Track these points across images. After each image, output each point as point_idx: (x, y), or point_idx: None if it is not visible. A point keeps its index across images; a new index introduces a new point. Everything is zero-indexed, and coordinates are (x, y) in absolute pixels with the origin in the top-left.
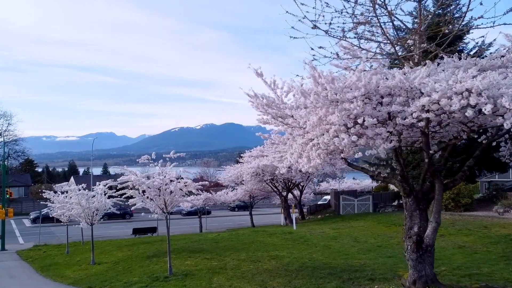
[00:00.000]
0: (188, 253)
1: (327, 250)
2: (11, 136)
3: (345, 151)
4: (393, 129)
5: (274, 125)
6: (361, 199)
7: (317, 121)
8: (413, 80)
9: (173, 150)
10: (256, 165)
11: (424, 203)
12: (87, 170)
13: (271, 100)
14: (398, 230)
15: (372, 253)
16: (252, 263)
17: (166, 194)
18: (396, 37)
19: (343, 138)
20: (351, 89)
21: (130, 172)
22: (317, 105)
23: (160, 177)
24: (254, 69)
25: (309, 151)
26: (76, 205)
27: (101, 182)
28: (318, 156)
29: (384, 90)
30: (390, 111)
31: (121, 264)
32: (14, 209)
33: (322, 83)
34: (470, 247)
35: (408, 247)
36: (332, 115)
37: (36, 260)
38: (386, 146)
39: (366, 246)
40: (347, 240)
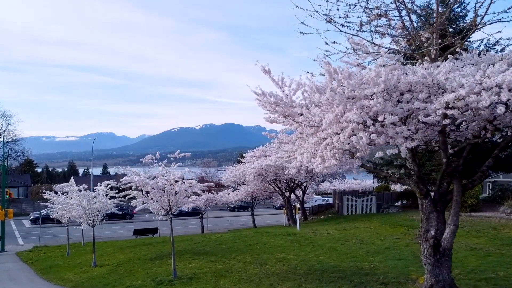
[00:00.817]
0: (192, 255)
1: (334, 252)
2: (11, 136)
3: (361, 151)
4: (414, 128)
5: (282, 124)
6: (364, 200)
7: (334, 119)
8: (436, 75)
9: (178, 150)
10: (259, 165)
11: (441, 204)
12: (87, 170)
13: (279, 98)
14: (405, 231)
15: (381, 255)
16: (259, 266)
17: (171, 195)
18: (415, 32)
19: (361, 137)
20: (369, 85)
21: (133, 172)
22: (334, 102)
23: (165, 178)
24: (262, 66)
25: (322, 150)
26: (77, 206)
27: (103, 182)
28: (333, 156)
29: (404, 86)
30: (411, 108)
31: (123, 266)
32: (14, 210)
33: (339, 79)
34: (482, 249)
35: (425, 250)
36: (350, 113)
37: (37, 262)
38: (408, 145)
39: (374, 248)
40: (353, 242)
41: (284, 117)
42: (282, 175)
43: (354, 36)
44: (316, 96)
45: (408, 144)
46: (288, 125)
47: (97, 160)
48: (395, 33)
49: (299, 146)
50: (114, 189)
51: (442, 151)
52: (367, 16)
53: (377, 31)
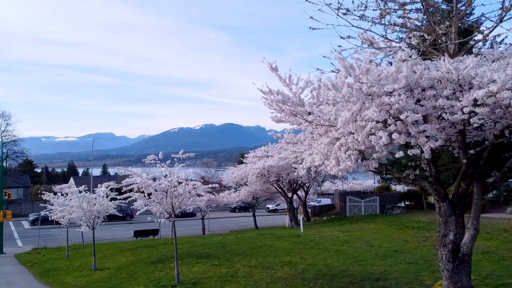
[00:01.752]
0: (194, 259)
1: (341, 255)
2: (10, 137)
3: (378, 151)
4: (438, 126)
5: (289, 123)
6: (367, 200)
7: (350, 118)
8: (463, 70)
9: (182, 150)
10: (262, 166)
11: (460, 208)
12: (87, 171)
13: (286, 97)
14: (412, 233)
15: (390, 258)
16: (264, 270)
17: (174, 197)
18: (433, 26)
19: (381, 137)
20: (388, 81)
21: (135, 174)
22: (351, 100)
23: (168, 179)
24: (269, 63)
25: (336, 151)
26: (76, 208)
27: (103, 184)
28: (349, 157)
29: (427, 82)
30: (434, 106)
31: (124, 270)
32: (12, 211)
33: (356, 74)
34: (495, 253)
35: (443, 256)
36: (368, 110)
37: (35, 264)
38: (432, 145)
39: (382, 251)
40: (359, 244)
41: (292, 116)
42: (285, 176)
43: (367, 31)
44: (331, 94)
45: (432, 144)
46: (296, 125)
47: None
48: (410, 27)
49: (309, 146)
50: (114, 191)
51: (461, 152)
52: (383, 9)
53: (395, 24)
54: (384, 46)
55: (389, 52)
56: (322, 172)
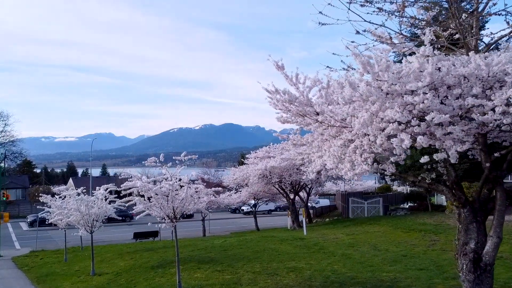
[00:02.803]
0: (196, 264)
1: (348, 260)
2: (8, 137)
3: (397, 155)
4: (467, 128)
5: (296, 124)
6: (371, 202)
7: (368, 118)
8: (494, 66)
9: (185, 152)
10: (263, 167)
11: (481, 214)
12: (86, 171)
13: (293, 96)
14: (419, 236)
15: (399, 264)
16: (270, 277)
17: (176, 200)
18: (457, 19)
19: (403, 139)
20: (409, 78)
21: (135, 177)
22: (370, 99)
23: (170, 182)
24: (275, 61)
25: (351, 154)
26: (74, 211)
27: (102, 186)
28: (365, 161)
29: (453, 80)
30: (462, 106)
31: (123, 275)
32: (10, 212)
33: (375, 71)
34: (509, 259)
35: (464, 265)
36: (390, 111)
37: (32, 268)
38: (459, 149)
39: (390, 255)
40: (366, 248)
41: (299, 117)
42: (287, 177)
43: (382, 26)
44: (346, 92)
45: (459, 148)
46: (303, 126)
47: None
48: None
49: (319, 148)
50: (113, 193)
51: (483, 154)
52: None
53: (414, 17)
54: (398, 42)
55: (403, 49)
56: (333, 175)
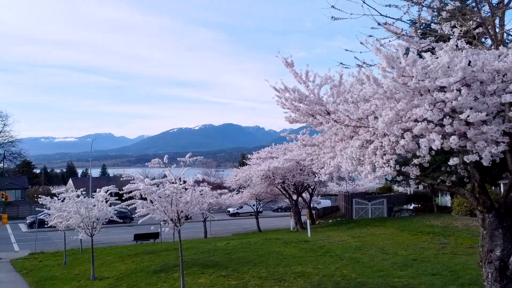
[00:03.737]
0: (200, 268)
1: (356, 264)
2: (7, 138)
3: (421, 156)
4: (503, 128)
5: (306, 124)
6: (375, 203)
7: (394, 117)
8: None
9: (190, 153)
10: (267, 168)
11: (508, 219)
12: (86, 171)
13: (304, 94)
14: (427, 239)
15: (410, 268)
16: (277, 283)
17: (180, 204)
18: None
19: (433, 140)
20: (438, 73)
21: (137, 179)
22: (396, 96)
23: (174, 185)
24: (284, 58)
25: (370, 156)
26: (74, 214)
27: (102, 188)
28: (387, 163)
29: (486, 75)
30: (497, 103)
31: (125, 280)
32: (9, 213)
33: (401, 66)
34: None
35: (489, 274)
36: (418, 109)
37: (31, 272)
38: (494, 150)
39: (399, 259)
40: (374, 251)
41: (309, 116)
42: (290, 178)
43: (398, 20)
44: (368, 90)
45: (494, 149)
46: (313, 126)
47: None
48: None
49: (331, 149)
50: (113, 195)
51: (510, 156)
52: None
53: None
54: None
55: (420, 44)
56: (345, 177)
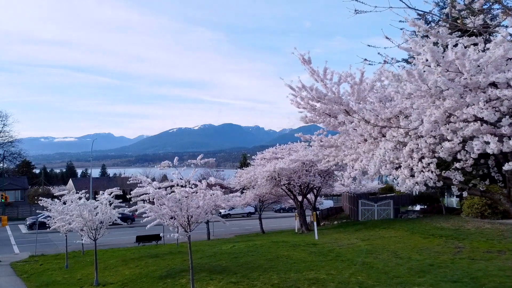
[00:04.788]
0: (208, 274)
1: (371, 270)
2: (7, 138)
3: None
4: None
5: (323, 124)
6: (381, 204)
7: (441, 117)
8: None
9: (201, 155)
10: (272, 169)
11: None
12: (85, 172)
13: (322, 93)
14: (441, 242)
15: (428, 275)
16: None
17: (191, 209)
18: None
19: (487, 142)
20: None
21: (144, 181)
22: (445, 93)
23: (186, 189)
24: (301, 54)
25: (406, 159)
26: (77, 217)
27: (106, 190)
28: (427, 167)
29: None
30: None
31: (129, 286)
32: (9, 214)
33: (448, 60)
34: None
35: None
36: (471, 108)
37: (32, 276)
38: None
39: (415, 264)
40: (386, 256)
41: (327, 116)
42: (296, 179)
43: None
44: (409, 87)
45: None
46: (330, 126)
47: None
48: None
49: (354, 150)
50: (118, 198)
51: None
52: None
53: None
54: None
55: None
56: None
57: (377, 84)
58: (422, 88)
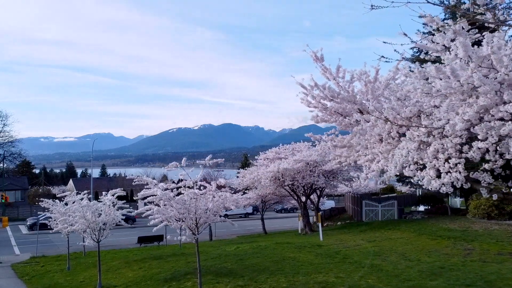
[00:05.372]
0: (214, 277)
1: (380, 272)
2: (7, 138)
3: (492, 160)
4: None
5: (336, 124)
6: (385, 204)
7: (474, 115)
8: None
9: (210, 155)
10: (276, 169)
11: None
12: (85, 172)
13: (336, 91)
14: (450, 244)
15: (440, 278)
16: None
17: (199, 211)
18: None
19: None
20: None
21: (150, 182)
22: (480, 90)
23: (195, 191)
24: (313, 52)
25: (431, 159)
26: (80, 219)
27: (109, 191)
28: (454, 167)
29: None
30: None
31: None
32: (9, 215)
33: (483, 55)
34: None
35: None
36: (508, 105)
37: (33, 278)
38: None
39: (425, 267)
40: (395, 258)
41: (339, 115)
42: (300, 179)
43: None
44: (438, 84)
45: None
46: (342, 126)
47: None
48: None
49: (370, 150)
50: (122, 199)
51: None
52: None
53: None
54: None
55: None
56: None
57: (392, 82)
58: (453, 85)
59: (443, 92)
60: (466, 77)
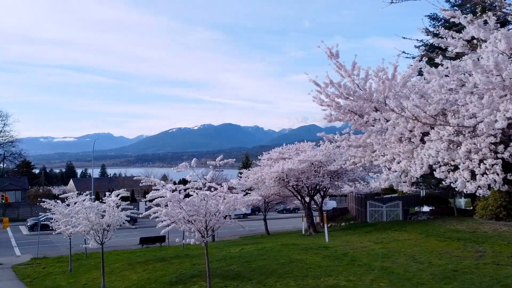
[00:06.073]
0: (221, 280)
1: (392, 275)
2: (7, 137)
3: None
4: None
5: (351, 123)
6: (390, 205)
7: None
8: None
9: (221, 156)
10: (280, 169)
11: None
12: (85, 172)
13: (352, 89)
14: (460, 246)
15: (454, 281)
16: None
17: (209, 214)
18: None
19: None
20: None
21: (159, 183)
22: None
23: (206, 192)
24: (327, 47)
25: (464, 160)
26: (83, 220)
27: (113, 192)
28: (491, 168)
29: None
30: None
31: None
32: (10, 216)
33: None
34: None
35: None
36: None
37: (35, 280)
38: None
39: (437, 270)
40: (404, 260)
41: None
42: (304, 180)
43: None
44: (477, 78)
45: None
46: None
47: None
48: None
49: (389, 150)
50: (125, 200)
51: None
52: None
53: None
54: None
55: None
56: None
57: (410, 80)
58: (493, 80)
59: (481, 88)
60: (509, 72)
